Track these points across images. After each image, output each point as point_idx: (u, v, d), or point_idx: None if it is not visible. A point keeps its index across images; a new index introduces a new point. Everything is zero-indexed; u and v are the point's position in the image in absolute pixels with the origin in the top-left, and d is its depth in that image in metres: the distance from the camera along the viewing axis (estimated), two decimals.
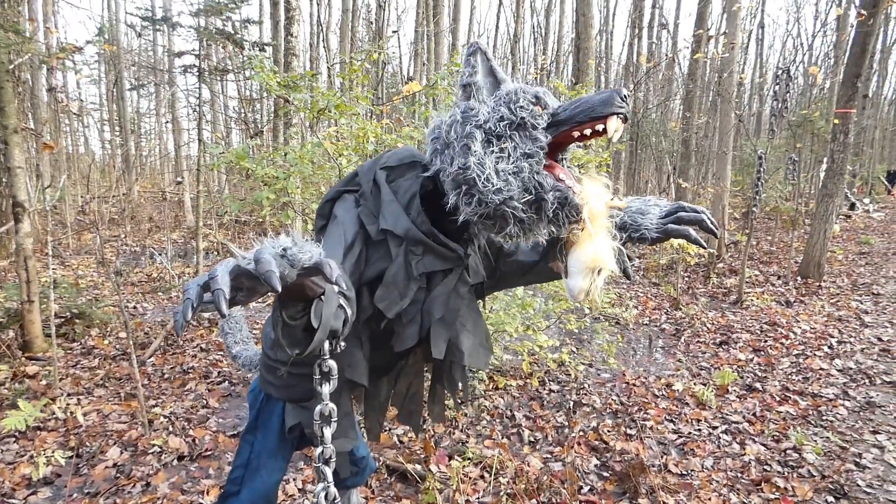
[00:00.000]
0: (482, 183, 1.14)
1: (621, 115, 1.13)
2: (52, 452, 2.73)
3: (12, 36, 3.40)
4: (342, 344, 1.12)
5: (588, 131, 1.16)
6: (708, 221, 1.26)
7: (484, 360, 1.42)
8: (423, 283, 1.29)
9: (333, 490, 1.11)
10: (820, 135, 10.68)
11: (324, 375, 1.09)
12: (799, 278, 7.19)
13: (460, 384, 1.46)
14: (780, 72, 5.90)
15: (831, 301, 6.29)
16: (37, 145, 9.44)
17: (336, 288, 0.99)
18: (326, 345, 1.06)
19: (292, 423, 1.53)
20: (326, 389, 1.09)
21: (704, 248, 1.35)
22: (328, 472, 1.10)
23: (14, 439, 2.94)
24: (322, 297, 1.00)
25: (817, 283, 6.95)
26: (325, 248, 1.16)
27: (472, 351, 1.37)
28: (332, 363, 1.09)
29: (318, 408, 1.09)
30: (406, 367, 1.58)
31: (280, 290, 0.77)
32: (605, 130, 1.14)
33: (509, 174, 1.14)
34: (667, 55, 15.54)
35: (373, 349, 1.36)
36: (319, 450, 1.11)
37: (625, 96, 1.14)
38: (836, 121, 6.79)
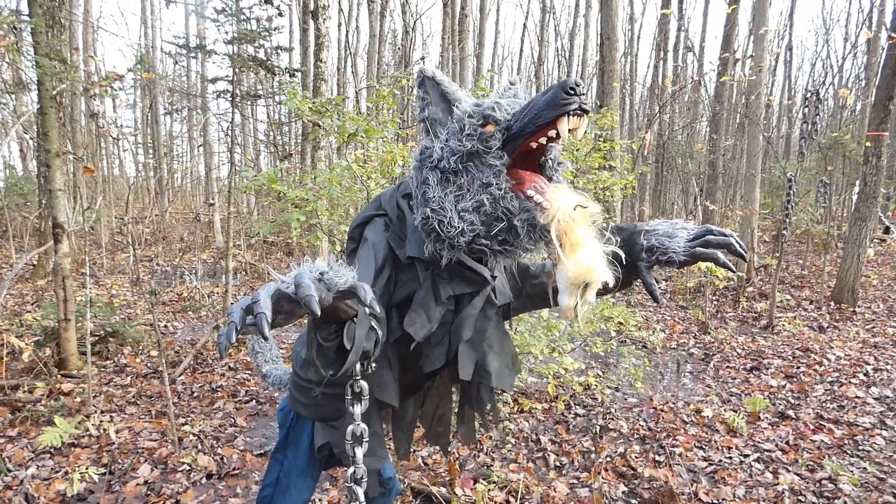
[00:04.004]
0: (446, 228, 1.12)
1: (575, 112, 1.03)
2: (86, 469, 2.79)
3: (57, 65, 3.57)
4: (373, 365, 1.14)
5: (543, 140, 1.09)
6: (736, 245, 1.21)
7: (510, 382, 1.43)
8: (450, 305, 1.31)
9: None
10: (852, 157, 10.48)
11: (355, 396, 1.11)
12: (832, 303, 7.01)
13: (488, 405, 1.47)
14: (809, 94, 5.85)
15: (866, 327, 6.11)
16: (74, 168, 9.79)
17: (367, 310, 1.02)
18: (358, 366, 1.09)
19: (321, 443, 1.55)
20: (358, 409, 1.11)
21: (733, 271, 1.31)
22: (360, 491, 1.12)
23: (49, 455, 3.02)
24: (354, 319, 1.03)
25: (851, 309, 6.77)
26: (357, 271, 1.19)
27: (499, 372, 1.37)
28: (364, 384, 1.11)
29: (349, 428, 1.12)
30: (433, 388, 1.59)
31: (320, 314, 0.79)
32: (559, 135, 1.05)
33: (470, 212, 1.10)
34: (692, 78, 15.50)
35: (401, 370, 1.38)
36: (351, 470, 1.13)
37: (573, 87, 1.02)
38: (869, 143, 6.68)
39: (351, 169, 3.13)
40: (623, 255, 1.16)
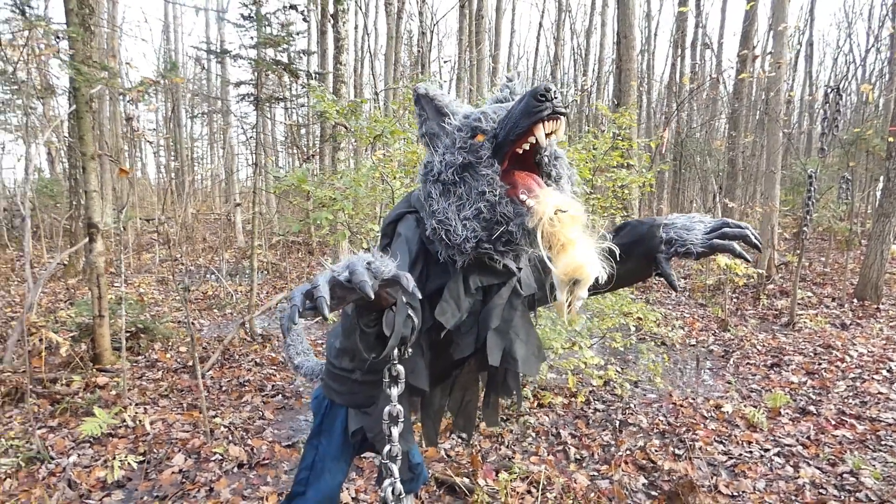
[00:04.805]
0: (452, 237, 1.19)
1: (550, 117, 1.08)
2: (125, 457, 2.91)
3: (96, 72, 3.71)
4: (409, 350, 1.22)
5: (526, 146, 1.15)
6: (752, 236, 1.27)
7: (536, 368, 1.49)
8: (479, 296, 1.38)
9: (399, 486, 1.21)
10: (875, 153, 10.35)
11: (393, 379, 1.20)
12: (855, 300, 6.95)
13: (514, 391, 1.54)
14: (829, 90, 5.82)
15: (890, 324, 6.06)
16: (101, 169, 10.05)
17: (405, 298, 1.10)
18: (395, 351, 1.17)
19: (355, 428, 1.63)
20: (395, 392, 1.19)
21: (749, 262, 1.36)
22: (395, 468, 1.20)
23: (89, 444, 3.15)
24: (393, 307, 1.11)
25: (875, 306, 6.71)
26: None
27: (525, 359, 1.43)
28: (401, 368, 1.19)
29: (386, 409, 1.20)
30: (460, 376, 1.67)
31: (373, 298, 0.88)
32: (539, 141, 1.11)
33: (471, 219, 1.17)
34: (711, 75, 15.38)
35: (432, 357, 1.45)
36: (387, 448, 1.21)
37: (542, 94, 1.07)
38: (891, 139, 6.61)
39: (377, 169, 3.23)
40: (618, 252, 1.21)
